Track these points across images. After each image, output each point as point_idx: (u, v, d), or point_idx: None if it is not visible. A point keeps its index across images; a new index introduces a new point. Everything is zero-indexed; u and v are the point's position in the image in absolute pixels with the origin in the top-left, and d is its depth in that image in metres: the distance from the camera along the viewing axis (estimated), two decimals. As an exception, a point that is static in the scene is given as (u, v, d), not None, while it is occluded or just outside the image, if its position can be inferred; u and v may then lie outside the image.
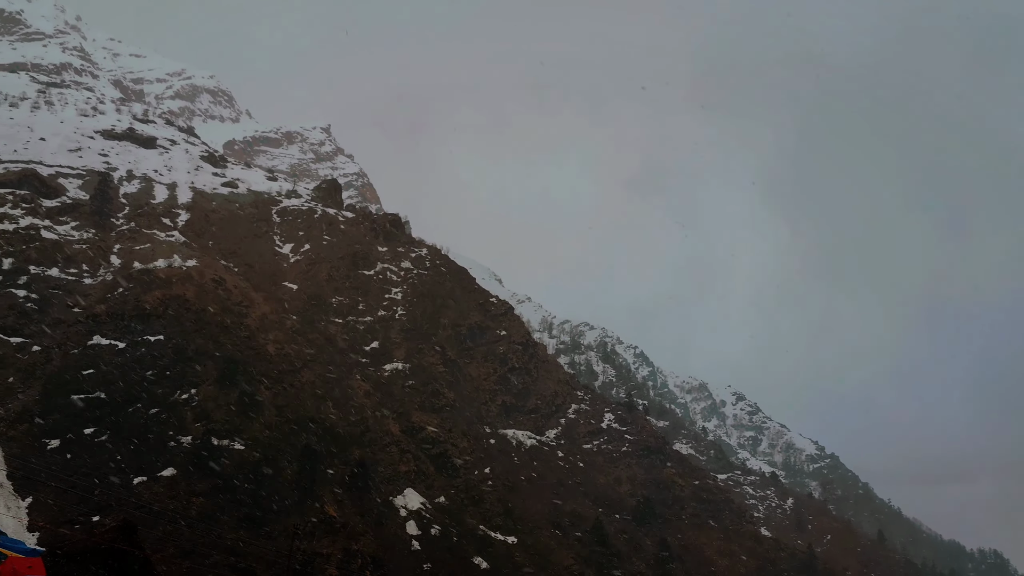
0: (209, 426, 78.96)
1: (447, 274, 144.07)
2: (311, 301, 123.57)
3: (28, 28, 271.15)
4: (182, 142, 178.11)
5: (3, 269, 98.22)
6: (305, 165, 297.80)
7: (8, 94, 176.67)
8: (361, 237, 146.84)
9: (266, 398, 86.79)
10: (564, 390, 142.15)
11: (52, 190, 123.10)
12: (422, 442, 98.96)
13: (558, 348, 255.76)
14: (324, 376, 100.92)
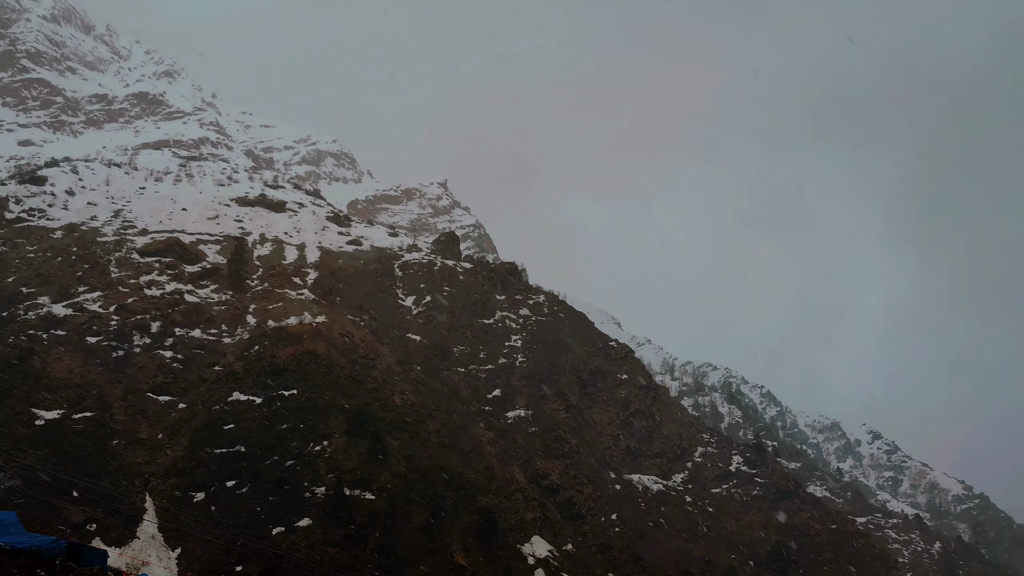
0: (341, 476, 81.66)
1: (565, 319, 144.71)
2: (434, 351, 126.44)
3: (170, 108, 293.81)
4: (309, 204, 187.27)
5: (152, 332, 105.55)
6: (424, 219, 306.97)
7: (154, 170, 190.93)
8: (480, 286, 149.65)
9: (394, 448, 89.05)
10: (689, 433, 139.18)
11: (194, 256, 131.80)
12: (547, 489, 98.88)
13: (681, 390, 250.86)
14: (449, 425, 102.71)
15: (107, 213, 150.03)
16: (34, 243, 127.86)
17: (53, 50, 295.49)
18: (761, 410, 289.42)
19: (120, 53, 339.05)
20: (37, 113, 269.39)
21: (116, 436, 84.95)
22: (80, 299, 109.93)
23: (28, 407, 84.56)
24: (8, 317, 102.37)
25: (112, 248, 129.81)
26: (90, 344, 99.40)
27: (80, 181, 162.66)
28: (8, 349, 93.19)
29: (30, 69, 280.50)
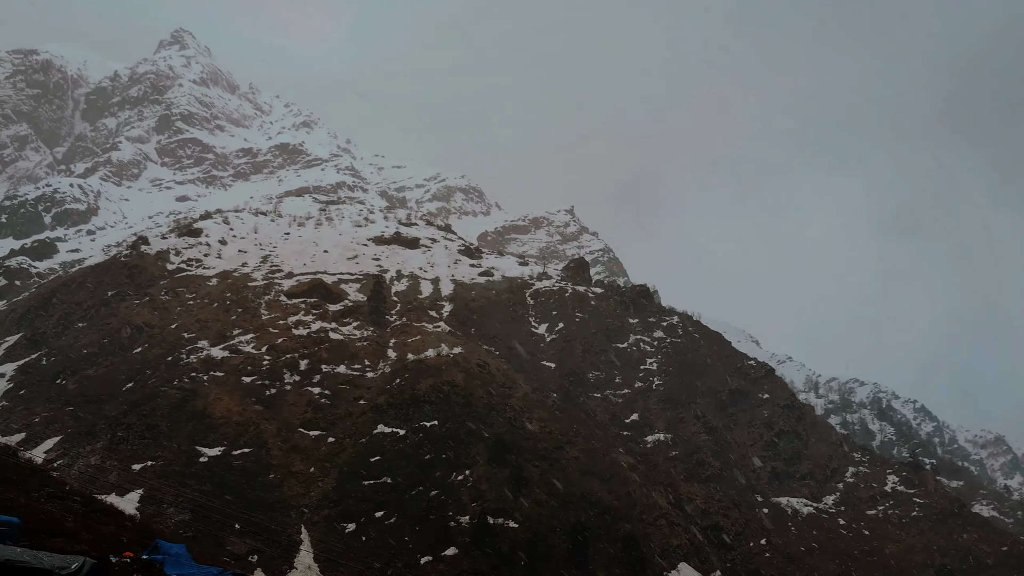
0: (484, 505, 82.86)
1: (701, 340, 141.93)
2: (569, 378, 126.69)
3: (309, 156, 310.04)
4: (441, 239, 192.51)
5: (300, 370, 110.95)
6: (553, 247, 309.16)
7: (297, 215, 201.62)
8: (612, 311, 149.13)
9: (534, 476, 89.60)
10: (839, 452, 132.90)
11: (336, 295, 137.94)
12: (691, 514, 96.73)
13: (827, 408, 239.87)
14: (588, 451, 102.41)
15: (256, 259, 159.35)
16: (193, 291, 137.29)
17: (203, 111, 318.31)
18: (916, 426, 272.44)
19: (262, 108, 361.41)
20: (191, 170, 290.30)
21: (272, 470, 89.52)
22: (235, 341, 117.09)
23: (192, 445, 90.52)
24: (173, 361, 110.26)
25: (262, 292, 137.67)
26: (246, 384, 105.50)
27: (231, 231, 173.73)
28: (174, 391, 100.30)
29: (184, 130, 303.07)
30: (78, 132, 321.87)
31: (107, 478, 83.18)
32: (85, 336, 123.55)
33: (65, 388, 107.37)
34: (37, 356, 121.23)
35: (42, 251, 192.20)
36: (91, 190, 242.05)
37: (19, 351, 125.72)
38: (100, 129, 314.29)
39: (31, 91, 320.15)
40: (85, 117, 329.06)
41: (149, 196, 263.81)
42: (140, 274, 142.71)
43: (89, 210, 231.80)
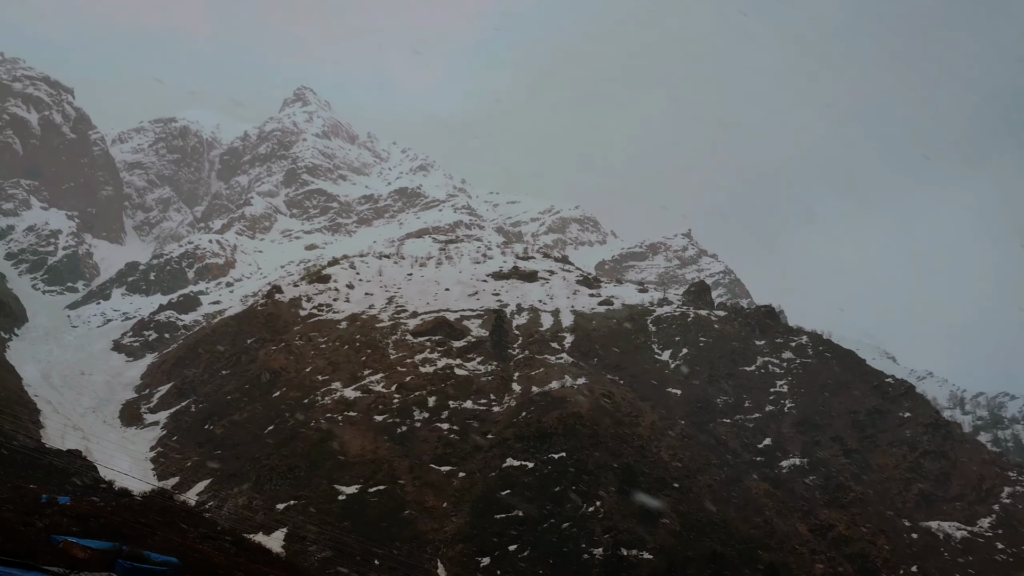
0: (617, 537, 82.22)
1: (833, 359, 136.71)
2: (696, 404, 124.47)
3: (426, 198, 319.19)
4: (559, 271, 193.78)
5: (429, 407, 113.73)
6: (672, 272, 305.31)
7: (418, 256, 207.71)
8: (737, 334, 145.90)
9: (666, 505, 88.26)
10: (991, 472, 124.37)
11: (459, 332, 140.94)
12: (834, 541, 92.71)
13: (975, 425, 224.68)
14: (720, 478, 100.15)
15: (382, 301, 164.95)
16: (325, 334, 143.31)
17: (326, 162, 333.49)
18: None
19: (381, 155, 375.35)
20: (318, 219, 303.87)
21: (407, 506, 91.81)
22: (366, 381, 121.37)
23: (331, 484, 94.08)
24: (309, 403, 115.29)
25: (389, 332, 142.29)
26: (377, 422, 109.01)
27: (357, 275, 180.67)
28: (311, 432, 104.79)
29: (309, 182, 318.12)
30: (214, 191, 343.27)
31: (254, 518, 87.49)
32: (228, 383, 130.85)
33: (213, 433, 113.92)
34: (187, 404, 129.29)
35: (187, 305, 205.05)
36: (228, 245, 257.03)
37: (170, 399, 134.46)
38: (234, 187, 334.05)
39: (171, 156, 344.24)
40: (220, 176, 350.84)
41: (280, 247, 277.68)
42: (275, 321, 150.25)
43: (227, 263, 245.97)
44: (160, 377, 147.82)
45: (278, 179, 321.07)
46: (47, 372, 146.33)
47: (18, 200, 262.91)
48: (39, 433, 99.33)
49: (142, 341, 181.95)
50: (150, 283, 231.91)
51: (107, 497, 58.54)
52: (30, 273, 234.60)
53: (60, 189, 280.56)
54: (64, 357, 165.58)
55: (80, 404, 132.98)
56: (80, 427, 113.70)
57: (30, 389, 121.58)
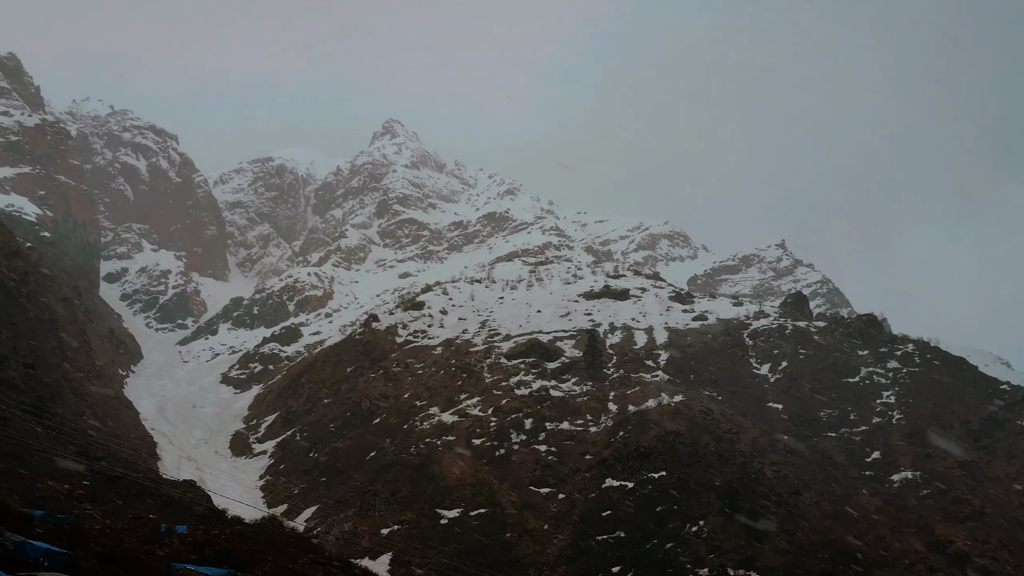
0: (722, 557, 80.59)
1: (942, 367, 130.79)
2: (799, 418, 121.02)
3: (515, 222, 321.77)
4: (650, 288, 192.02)
5: (526, 429, 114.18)
6: (766, 284, 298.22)
7: (509, 279, 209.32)
8: (838, 344, 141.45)
9: (772, 523, 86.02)
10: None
11: (552, 353, 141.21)
12: (953, 558, 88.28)
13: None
14: (827, 494, 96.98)
15: (475, 325, 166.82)
16: (421, 360, 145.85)
17: (416, 192, 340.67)
18: None
19: (468, 182, 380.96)
20: (410, 248, 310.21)
21: (508, 529, 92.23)
22: (463, 405, 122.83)
23: (433, 508, 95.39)
24: (408, 429, 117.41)
25: (483, 356, 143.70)
26: (476, 446, 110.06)
27: (450, 300, 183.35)
28: (412, 457, 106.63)
29: (401, 212, 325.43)
30: (311, 225, 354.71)
31: (360, 543, 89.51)
32: (331, 411, 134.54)
33: (317, 461, 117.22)
34: (292, 433, 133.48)
35: (289, 336, 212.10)
36: (326, 277, 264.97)
37: (276, 429, 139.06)
38: (329, 220, 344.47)
39: (269, 194, 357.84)
40: (316, 211, 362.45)
41: (375, 276, 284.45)
42: (373, 349, 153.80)
43: (325, 295, 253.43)
44: (266, 408, 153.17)
45: (370, 211, 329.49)
46: (162, 406, 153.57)
47: (131, 243, 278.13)
48: (156, 465, 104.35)
49: (248, 373, 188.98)
50: (254, 317, 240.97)
51: (221, 525, 61.02)
52: (144, 312, 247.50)
53: (168, 231, 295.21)
54: (177, 391, 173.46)
55: (193, 436, 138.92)
56: (194, 458, 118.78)
57: (147, 423, 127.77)
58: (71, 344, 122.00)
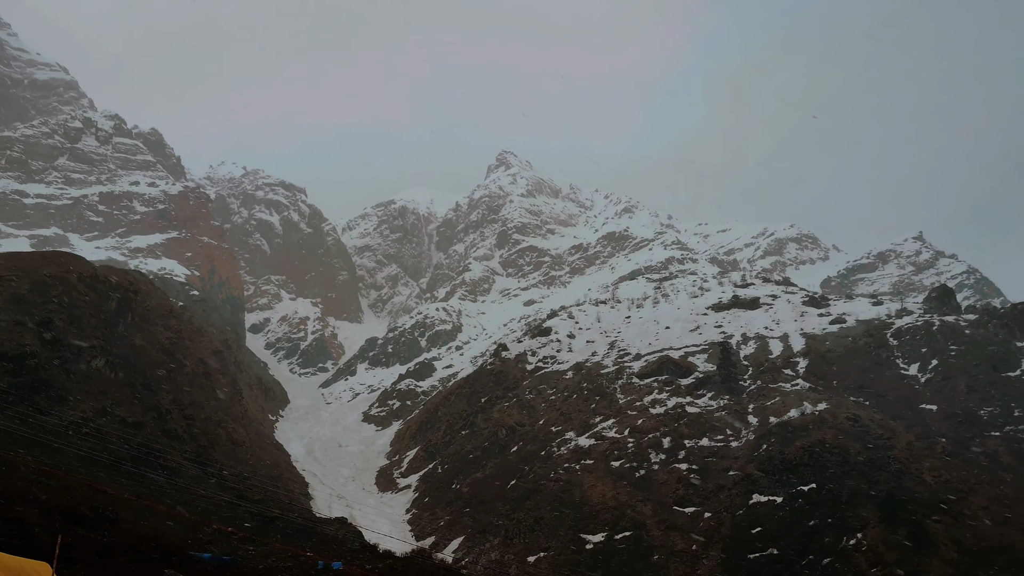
0: (885, 569, 76.49)
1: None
2: (956, 419, 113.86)
3: (635, 240, 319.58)
4: (781, 294, 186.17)
5: (665, 448, 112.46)
6: (906, 279, 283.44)
7: (634, 298, 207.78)
8: (993, 337, 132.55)
9: (938, 532, 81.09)
10: None
11: (684, 369, 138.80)
12: None
13: None
14: (997, 498, 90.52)
15: (603, 347, 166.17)
16: (552, 386, 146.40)
17: (533, 220, 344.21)
18: None
19: (584, 204, 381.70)
20: (532, 275, 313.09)
21: (655, 552, 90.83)
22: (598, 428, 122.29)
23: (577, 533, 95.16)
24: (546, 455, 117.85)
25: (614, 377, 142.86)
26: (615, 468, 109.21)
27: (576, 324, 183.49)
28: (551, 483, 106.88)
29: (520, 241, 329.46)
30: (435, 262, 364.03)
31: (507, 572, 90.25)
32: (468, 442, 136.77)
33: (460, 492, 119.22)
34: (433, 466, 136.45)
35: (423, 372, 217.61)
36: (453, 310, 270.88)
37: (418, 463, 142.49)
38: (452, 255, 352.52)
39: (394, 236, 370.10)
40: (439, 248, 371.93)
41: (501, 306, 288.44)
42: (505, 378, 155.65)
43: (454, 328, 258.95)
44: (407, 442, 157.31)
45: (491, 242, 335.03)
46: (310, 447, 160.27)
47: (271, 295, 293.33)
48: (310, 504, 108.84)
49: (387, 410, 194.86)
50: (389, 355, 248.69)
51: (374, 560, 63.02)
52: (287, 359, 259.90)
53: (304, 279, 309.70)
54: (322, 432, 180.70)
55: (341, 474, 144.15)
56: (343, 495, 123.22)
57: (298, 464, 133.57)
58: (225, 394, 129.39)
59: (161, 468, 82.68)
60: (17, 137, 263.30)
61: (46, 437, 71.30)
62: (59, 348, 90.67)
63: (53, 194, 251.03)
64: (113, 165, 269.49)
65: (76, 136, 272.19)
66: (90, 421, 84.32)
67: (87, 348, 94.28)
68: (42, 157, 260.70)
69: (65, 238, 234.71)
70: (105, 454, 75.89)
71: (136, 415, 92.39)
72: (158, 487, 75.44)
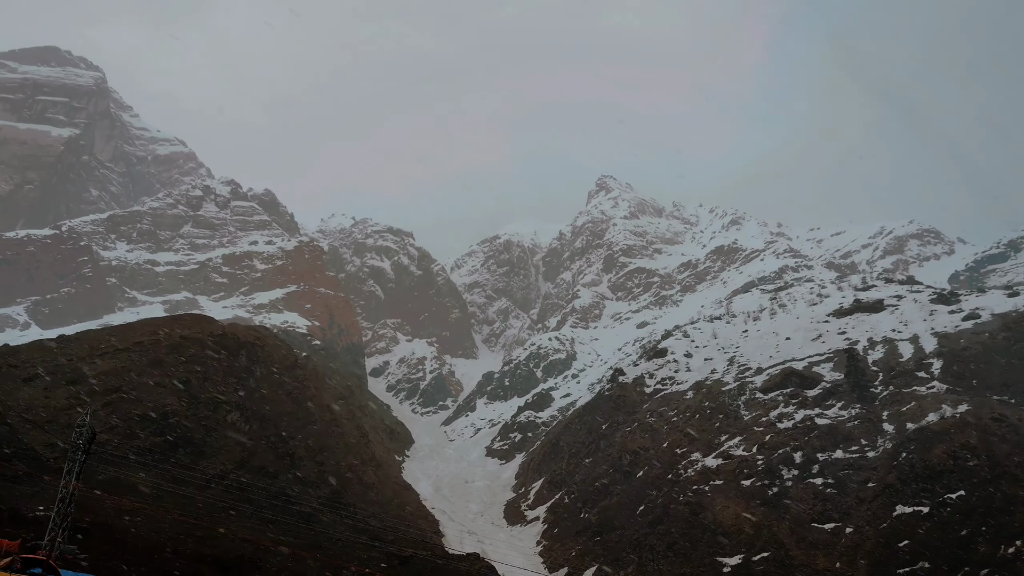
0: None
1: None
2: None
3: (744, 251, 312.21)
4: (906, 294, 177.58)
5: (796, 463, 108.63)
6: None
7: (749, 311, 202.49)
8: None
9: (1107, 535, 75.18)
10: None
11: (810, 380, 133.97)
12: None
13: None
14: None
15: (722, 363, 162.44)
16: (673, 408, 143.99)
17: (639, 241, 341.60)
18: None
19: (689, 220, 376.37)
20: (642, 297, 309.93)
21: (796, 571, 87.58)
22: (725, 447, 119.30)
23: (712, 556, 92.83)
24: (673, 478, 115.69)
25: (736, 393, 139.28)
26: (745, 487, 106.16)
27: (692, 342, 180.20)
28: (682, 506, 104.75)
29: (627, 263, 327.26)
30: (544, 292, 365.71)
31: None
32: (593, 469, 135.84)
33: (589, 521, 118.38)
34: (560, 496, 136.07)
35: (541, 402, 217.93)
36: (566, 339, 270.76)
37: (544, 494, 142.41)
38: (560, 284, 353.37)
39: (501, 270, 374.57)
40: (546, 277, 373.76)
41: (613, 331, 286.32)
42: (624, 403, 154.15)
43: (568, 357, 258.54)
44: (531, 474, 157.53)
45: (598, 268, 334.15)
46: (438, 485, 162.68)
47: (388, 338, 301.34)
48: (441, 541, 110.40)
49: (510, 443, 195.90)
50: (506, 388, 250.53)
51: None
52: (408, 399, 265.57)
53: (418, 320, 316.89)
54: (448, 469, 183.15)
55: (469, 510, 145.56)
56: (473, 531, 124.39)
57: (427, 502, 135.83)
58: (352, 438, 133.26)
59: (298, 514, 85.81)
60: (145, 211, 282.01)
61: (190, 491, 75.30)
62: (197, 405, 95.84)
63: (181, 260, 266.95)
64: (232, 228, 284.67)
65: (197, 204, 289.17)
66: (230, 473, 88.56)
67: (222, 403, 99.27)
68: (168, 227, 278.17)
69: (195, 300, 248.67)
70: (246, 504, 79.41)
71: (271, 464, 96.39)
72: (297, 532, 78.30)
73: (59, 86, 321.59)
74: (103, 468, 70.09)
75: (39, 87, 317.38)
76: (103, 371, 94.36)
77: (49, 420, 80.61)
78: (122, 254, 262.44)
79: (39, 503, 59.12)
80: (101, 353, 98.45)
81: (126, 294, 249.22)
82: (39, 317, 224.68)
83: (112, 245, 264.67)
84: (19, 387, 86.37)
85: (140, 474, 74.75)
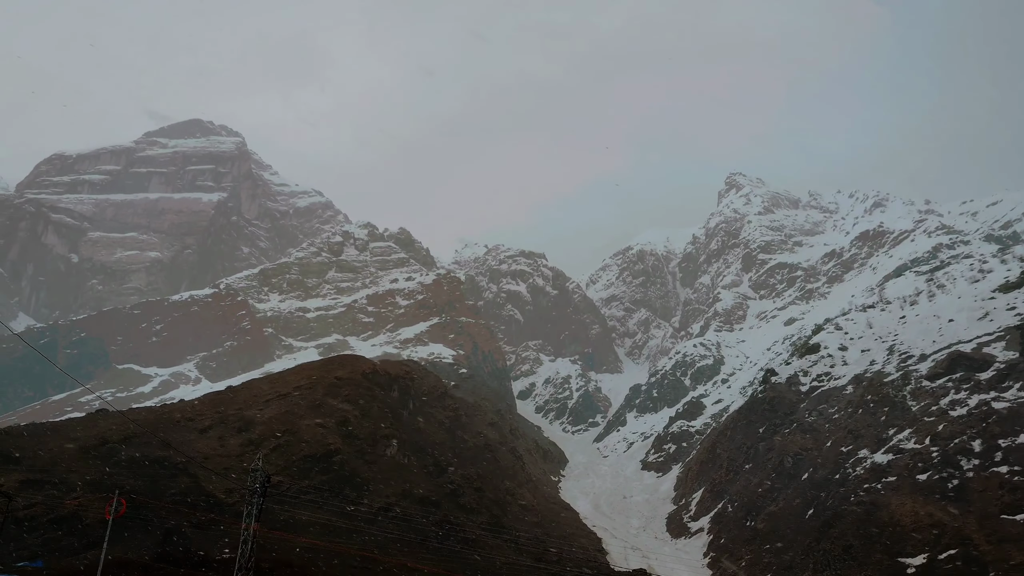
0: None
1: None
2: None
3: (892, 233, 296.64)
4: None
5: (976, 452, 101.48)
6: None
7: (904, 296, 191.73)
8: None
9: None
10: None
11: (980, 362, 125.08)
12: None
13: None
14: None
15: (881, 353, 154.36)
16: (832, 404, 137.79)
17: (777, 236, 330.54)
18: None
19: (828, 209, 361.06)
20: (787, 293, 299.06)
21: (989, 568, 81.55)
22: (894, 442, 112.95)
23: (892, 557, 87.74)
24: (840, 478, 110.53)
25: (900, 384, 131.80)
26: (922, 481, 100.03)
27: (846, 334, 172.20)
28: (853, 507, 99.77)
29: (767, 260, 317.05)
30: (683, 298, 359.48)
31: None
32: (754, 475, 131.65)
33: (756, 529, 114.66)
34: (723, 505, 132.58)
35: (693, 411, 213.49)
36: (711, 344, 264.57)
37: (706, 504, 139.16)
38: (699, 289, 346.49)
39: (636, 281, 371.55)
40: (683, 283, 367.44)
41: (759, 331, 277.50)
42: (780, 404, 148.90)
43: (716, 362, 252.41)
44: (690, 485, 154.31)
45: (736, 268, 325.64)
46: (596, 502, 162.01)
47: (531, 360, 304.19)
48: (606, 559, 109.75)
49: (664, 455, 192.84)
50: (655, 400, 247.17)
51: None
52: (557, 419, 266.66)
53: (558, 339, 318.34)
54: (604, 486, 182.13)
55: (630, 525, 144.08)
56: (637, 547, 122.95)
57: (587, 520, 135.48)
58: (506, 462, 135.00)
59: (462, 540, 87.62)
60: (292, 261, 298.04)
61: (359, 524, 78.39)
62: (356, 441, 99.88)
63: (329, 304, 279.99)
64: (373, 268, 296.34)
65: (339, 249, 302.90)
66: (394, 505, 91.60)
67: (380, 438, 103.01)
68: (315, 274, 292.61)
69: (345, 341, 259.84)
70: (412, 534, 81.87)
71: (432, 493, 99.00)
72: (463, 559, 79.94)
73: (205, 154, 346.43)
74: (280, 509, 74.18)
75: (188, 158, 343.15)
76: (269, 417, 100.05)
77: (226, 468, 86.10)
78: (275, 304, 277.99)
79: (225, 546, 63.21)
80: (266, 400, 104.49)
81: (283, 342, 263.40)
82: (207, 371, 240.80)
83: (266, 297, 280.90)
84: (197, 438, 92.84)
85: (313, 512, 78.54)
